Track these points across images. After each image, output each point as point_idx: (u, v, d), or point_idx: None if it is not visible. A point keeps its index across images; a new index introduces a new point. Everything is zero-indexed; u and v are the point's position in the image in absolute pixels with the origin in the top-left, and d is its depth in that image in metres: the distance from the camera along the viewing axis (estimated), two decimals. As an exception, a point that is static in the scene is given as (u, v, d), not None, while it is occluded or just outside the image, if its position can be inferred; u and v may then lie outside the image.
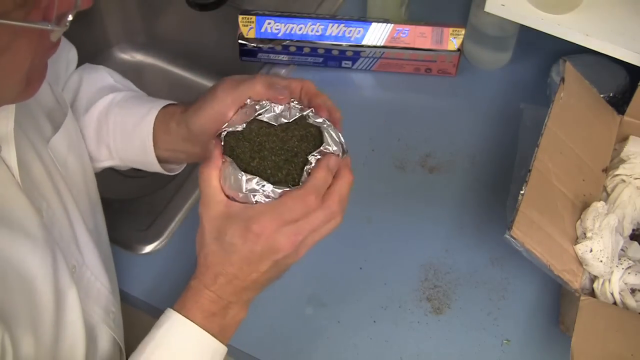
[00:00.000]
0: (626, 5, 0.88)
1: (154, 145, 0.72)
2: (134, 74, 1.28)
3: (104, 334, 0.69)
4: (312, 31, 1.00)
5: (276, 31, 1.00)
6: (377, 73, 1.05)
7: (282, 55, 1.03)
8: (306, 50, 1.02)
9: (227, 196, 0.59)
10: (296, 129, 0.60)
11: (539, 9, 0.88)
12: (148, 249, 0.87)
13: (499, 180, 0.91)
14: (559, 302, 0.82)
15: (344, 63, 1.04)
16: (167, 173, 0.77)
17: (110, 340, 0.70)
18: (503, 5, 0.89)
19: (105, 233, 0.76)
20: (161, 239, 0.87)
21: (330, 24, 1.00)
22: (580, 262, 0.75)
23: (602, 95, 0.89)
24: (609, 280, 0.75)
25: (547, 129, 0.78)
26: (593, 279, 0.76)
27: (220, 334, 0.61)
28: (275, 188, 0.57)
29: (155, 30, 1.26)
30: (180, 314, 0.60)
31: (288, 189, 0.57)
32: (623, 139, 0.87)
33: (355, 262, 0.85)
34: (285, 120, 0.61)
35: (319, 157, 0.59)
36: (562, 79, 0.82)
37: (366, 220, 0.89)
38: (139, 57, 1.29)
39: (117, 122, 0.74)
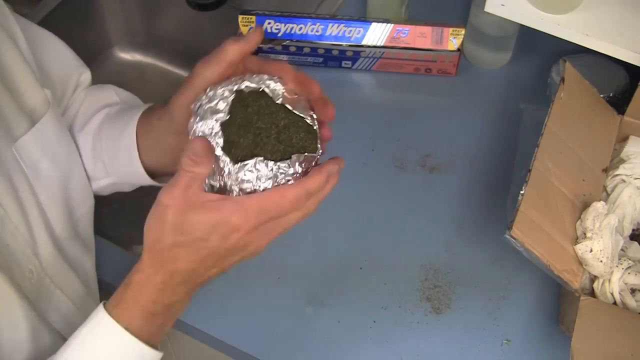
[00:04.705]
0: (626, 5, 0.88)
1: (140, 153, 0.70)
2: (134, 74, 1.28)
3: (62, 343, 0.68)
4: (312, 31, 1.00)
5: (276, 31, 1.00)
6: (377, 73, 1.05)
7: (282, 55, 1.03)
8: (306, 50, 1.02)
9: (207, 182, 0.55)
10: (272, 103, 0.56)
11: (539, 9, 0.88)
12: (148, 249, 0.87)
13: (499, 180, 0.91)
14: (559, 302, 0.82)
15: (344, 63, 1.04)
16: (158, 184, 0.74)
17: None
18: (503, 5, 0.89)
19: (89, 244, 0.75)
20: (161, 239, 0.87)
21: (330, 24, 1.00)
22: (580, 262, 0.75)
23: (602, 95, 0.89)
24: (609, 280, 0.75)
25: (547, 129, 0.78)
26: (593, 279, 0.76)
27: (159, 331, 0.58)
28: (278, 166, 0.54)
29: (155, 30, 1.26)
30: (116, 311, 0.56)
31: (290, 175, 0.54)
32: (623, 139, 0.87)
33: (355, 262, 0.85)
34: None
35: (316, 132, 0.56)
36: (562, 79, 0.82)
37: (366, 220, 0.89)
38: (139, 57, 1.29)
39: (107, 136, 0.72)
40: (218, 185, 0.55)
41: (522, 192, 0.72)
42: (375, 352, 0.78)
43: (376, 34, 1.00)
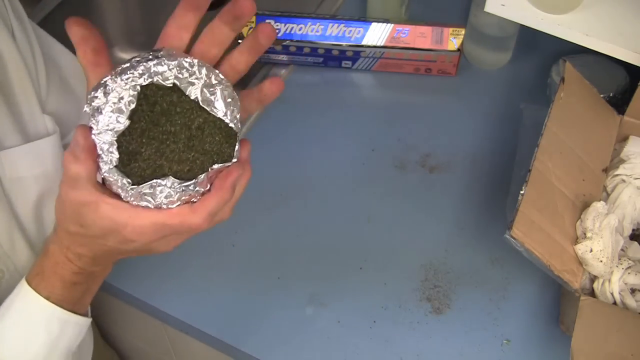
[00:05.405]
0: (626, 5, 0.88)
1: None
2: (134, 74, 1.28)
3: None
4: (312, 31, 1.00)
5: (276, 31, 1.00)
6: (377, 73, 1.05)
7: (282, 55, 1.03)
8: (306, 50, 1.02)
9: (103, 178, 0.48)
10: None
11: (539, 9, 0.88)
12: (148, 249, 0.87)
13: (499, 180, 0.91)
14: (559, 302, 0.82)
15: (344, 63, 1.04)
16: None
17: None
18: (503, 5, 0.89)
19: None
20: (161, 239, 0.87)
21: (330, 24, 1.00)
22: (580, 262, 0.75)
23: (602, 95, 0.89)
24: (609, 280, 0.75)
25: (547, 129, 0.78)
26: (593, 279, 0.76)
27: (84, 296, 0.58)
28: (181, 186, 0.47)
29: (155, 30, 1.25)
30: (36, 281, 0.56)
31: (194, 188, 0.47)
32: (623, 139, 0.87)
33: (355, 262, 0.85)
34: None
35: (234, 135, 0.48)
36: (562, 79, 0.82)
37: (366, 220, 0.89)
38: (139, 57, 1.29)
39: None
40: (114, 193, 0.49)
41: (522, 192, 0.72)
42: (375, 352, 0.78)
43: (376, 34, 1.00)
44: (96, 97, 0.45)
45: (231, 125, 0.48)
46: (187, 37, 0.48)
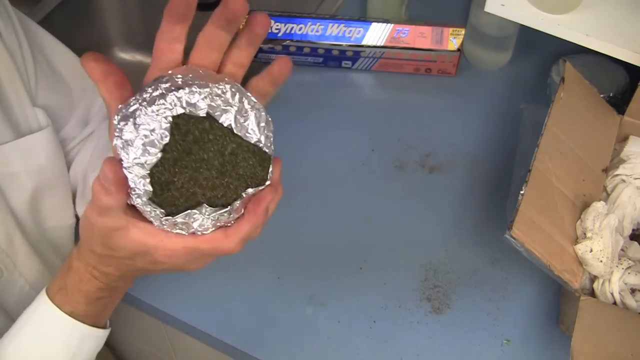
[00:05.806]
0: (626, 5, 0.88)
1: None
2: (134, 74, 1.28)
3: None
4: (312, 31, 1.00)
5: (276, 31, 1.00)
6: (377, 73, 1.05)
7: (282, 56, 1.03)
8: (306, 50, 1.02)
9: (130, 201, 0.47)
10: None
11: (538, 9, 0.88)
12: (148, 249, 0.87)
13: (499, 180, 0.91)
14: (559, 302, 0.82)
15: (344, 63, 1.04)
16: None
17: None
18: (503, 5, 0.89)
19: (65, 252, 0.75)
20: (161, 239, 0.87)
21: (330, 24, 1.00)
22: (580, 262, 0.75)
23: (602, 95, 0.89)
24: (609, 280, 0.75)
25: (547, 129, 0.78)
26: (593, 279, 0.76)
27: (106, 309, 0.59)
28: (212, 216, 0.47)
29: (155, 30, 1.25)
30: (59, 296, 0.56)
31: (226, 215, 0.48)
32: (623, 139, 0.87)
33: (355, 262, 0.85)
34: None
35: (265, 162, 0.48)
36: (562, 79, 0.82)
37: (366, 220, 0.89)
38: (139, 57, 1.29)
39: None
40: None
41: (522, 192, 0.72)
42: (375, 352, 0.78)
43: (376, 34, 1.00)
44: (125, 129, 0.44)
45: (265, 149, 0.48)
46: (180, 48, 0.48)
